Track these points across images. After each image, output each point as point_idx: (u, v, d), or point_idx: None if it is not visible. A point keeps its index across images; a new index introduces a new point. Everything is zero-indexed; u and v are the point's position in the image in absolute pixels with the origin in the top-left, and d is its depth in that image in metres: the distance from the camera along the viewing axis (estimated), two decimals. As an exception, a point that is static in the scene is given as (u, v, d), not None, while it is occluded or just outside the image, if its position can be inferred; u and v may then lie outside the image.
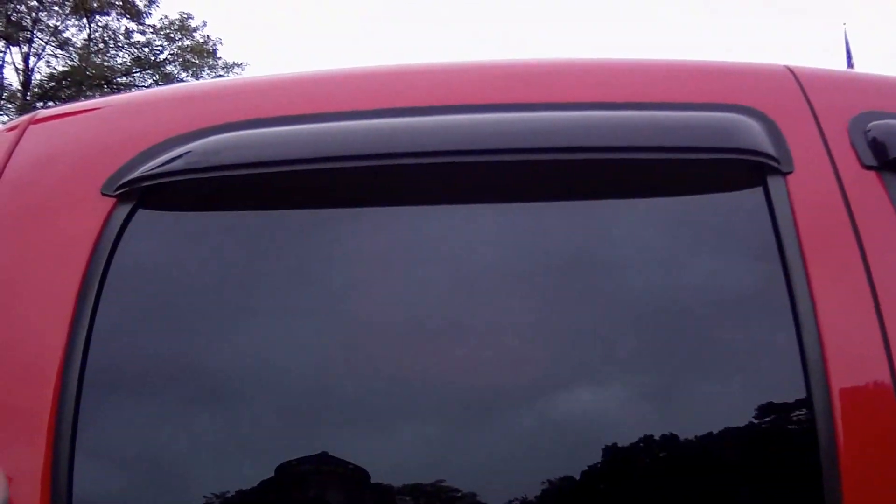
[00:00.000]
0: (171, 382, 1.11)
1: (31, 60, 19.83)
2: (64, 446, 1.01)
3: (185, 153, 1.13)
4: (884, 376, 0.98)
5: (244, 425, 1.12)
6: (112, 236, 1.11)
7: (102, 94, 17.76)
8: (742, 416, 1.03)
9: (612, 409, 1.06)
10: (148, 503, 1.13)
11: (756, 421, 1.03)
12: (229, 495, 1.07)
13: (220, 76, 20.32)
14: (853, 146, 1.14)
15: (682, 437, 1.06)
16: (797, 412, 1.00)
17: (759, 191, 1.11)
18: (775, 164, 1.12)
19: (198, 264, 1.13)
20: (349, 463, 1.04)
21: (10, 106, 19.56)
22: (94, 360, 1.06)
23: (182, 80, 19.79)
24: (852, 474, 0.94)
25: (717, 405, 1.05)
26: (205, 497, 1.12)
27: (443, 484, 1.13)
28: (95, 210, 1.13)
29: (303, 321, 1.09)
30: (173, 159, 1.12)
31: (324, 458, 1.04)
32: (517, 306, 1.09)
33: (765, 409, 1.02)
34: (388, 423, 1.08)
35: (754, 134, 1.13)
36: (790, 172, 1.12)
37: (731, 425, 1.05)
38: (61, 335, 1.06)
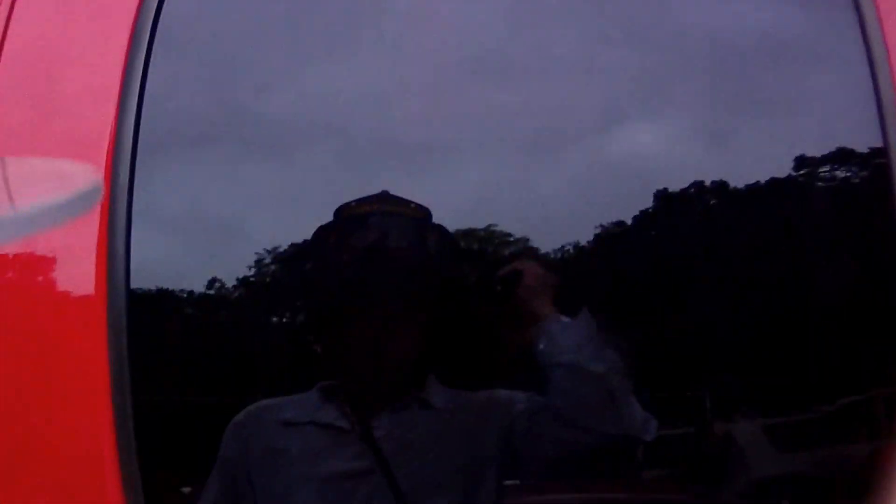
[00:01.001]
0: (229, 131, 1.10)
1: None
2: (120, 211, 0.97)
3: None
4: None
5: (303, 171, 1.12)
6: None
7: None
8: (815, 163, 1.01)
9: (672, 150, 1.06)
10: (209, 258, 1.16)
11: (829, 168, 1.02)
12: (290, 242, 1.10)
13: None
14: None
15: (747, 181, 1.05)
16: (872, 159, 0.98)
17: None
18: None
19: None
20: (410, 202, 1.03)
21: None
22: (149, 111, 1.01)
23: None
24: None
25: (787, 150, 1.03)
26: (266, 248, 1.15)
27: (496, 228, 1.15)
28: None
29: (362, 57, 1.07)
30: None
31: (384, 198, 1.04)
32: (572, 37, 1.05)
33: (839, 156, 1.01)
34: (445, 163, 1.08)
35: None
36: None
37: (803, 172, 1.04)
38: (113, 88, 1.01)
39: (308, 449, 1.02)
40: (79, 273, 0.94)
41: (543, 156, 1.08)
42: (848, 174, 1.02)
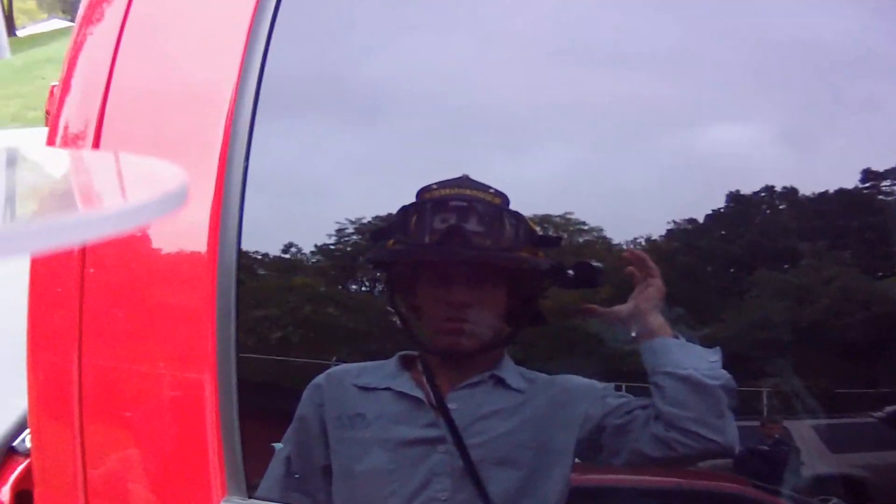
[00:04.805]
0: (329, 100, 1.14)
1: None
2: (236, 173, 1.03)
3: None
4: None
5: (391, 146, 1.16)
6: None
7: None
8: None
9: (750, 151, 1.09)
10: (300, 218, 1.20)
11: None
12: (370, 212, 1.14)
13: None
14: None
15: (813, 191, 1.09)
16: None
17: None
18: None
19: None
20: (489, 187, 1.07)
21: None
22: (269, 83, 1.07)
23: None
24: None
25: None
26: (344, 218, 1.19)
27: (571, 216, 1.19)
28: None
29: (456, 35, 1.10)
30: None
31: (463, 182, 1.08)
32: (667, 27, 1.08)
33: None
34: (529, 146, 1.12)
35: None
36: None
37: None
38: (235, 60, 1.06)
39: (383, 414, 1.07)
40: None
41: (626, 147, 1.12)
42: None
